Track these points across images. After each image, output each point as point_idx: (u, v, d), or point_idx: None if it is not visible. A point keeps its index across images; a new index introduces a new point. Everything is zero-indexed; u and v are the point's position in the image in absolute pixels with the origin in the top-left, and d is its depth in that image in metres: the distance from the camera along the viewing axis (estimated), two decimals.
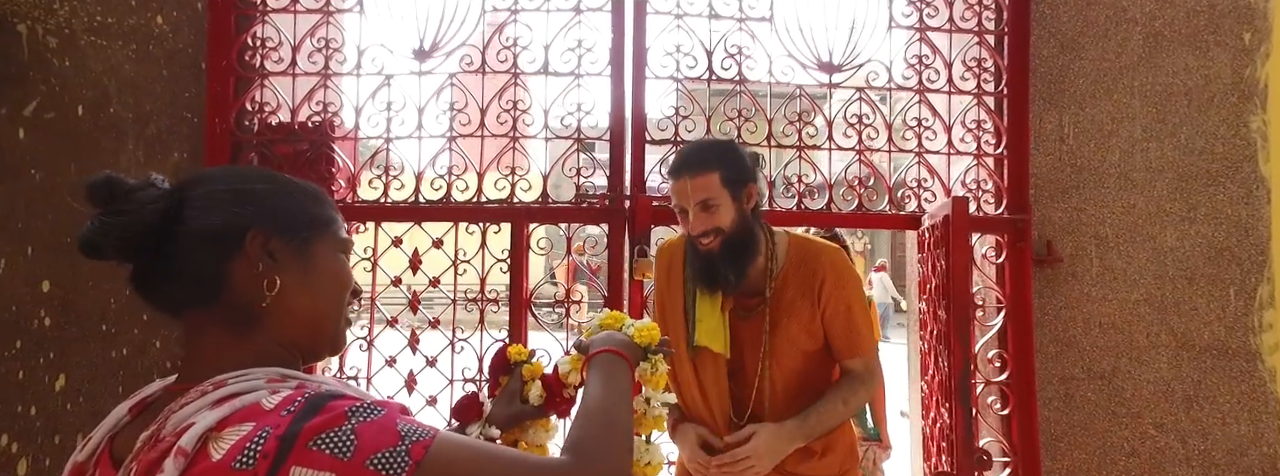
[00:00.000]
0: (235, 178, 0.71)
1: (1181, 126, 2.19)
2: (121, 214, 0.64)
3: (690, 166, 1.40)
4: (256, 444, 0.53)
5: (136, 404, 0.68)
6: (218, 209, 0.67)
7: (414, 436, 0.57)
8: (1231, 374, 2.18)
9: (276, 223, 0.69)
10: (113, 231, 0.63)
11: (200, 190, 0.69)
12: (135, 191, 0.65)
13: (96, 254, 0.64)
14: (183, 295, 0.67)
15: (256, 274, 0.67)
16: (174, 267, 0.66)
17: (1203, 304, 2.18)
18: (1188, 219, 2.19)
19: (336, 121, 2.09)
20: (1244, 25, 2.20)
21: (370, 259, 2.03)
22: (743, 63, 2.11)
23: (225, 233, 0.67)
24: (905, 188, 2.15)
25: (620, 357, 0.94)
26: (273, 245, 0.68)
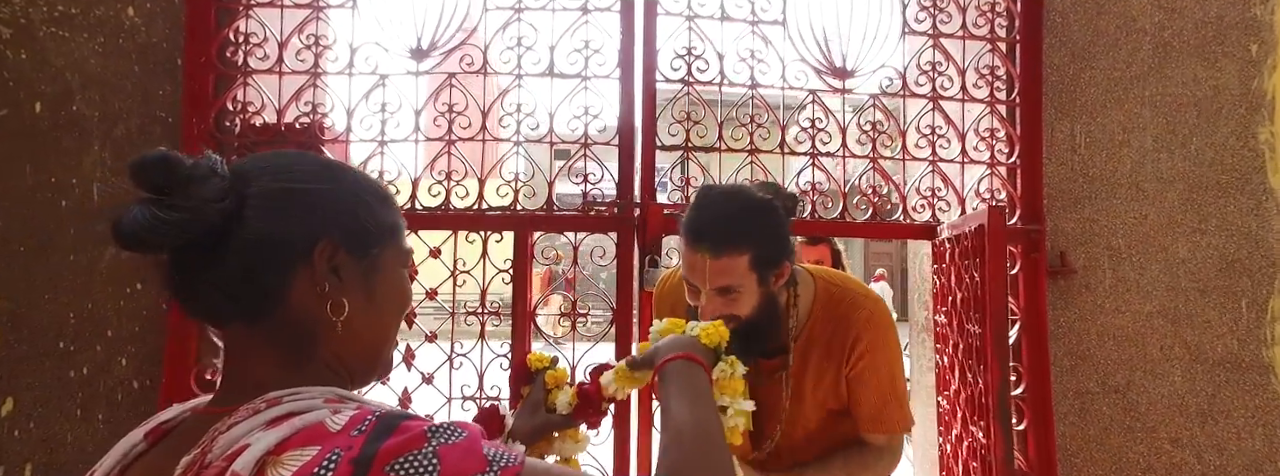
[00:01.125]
0: (299, 172, 0.61)
1: (1191, 137, 2.14)
2: (177, 209, 0.53)
3: (713, 242, 1.11)
4: (327, 468, 0.46)
5: (154, 429, 0.60)
6: (284, 213, 0.58)
7: (502, 462, 0.50)
8: (1245, 387, 2.11)
9: (346, 233, 0.60)
10: (166, 230, 0.53)
11: (261, 186, 0.58)
12: (196, 181, 0.55)
13: (137, 247, 0.54)
14: (230, 308, 0.58)
15: (320, 293, 0.58)
16: (225, 276, 0.57)
17: (1215, 316, 2.12)
18: (1199, 230, 2.13)
19: (326, 123, 1.92)
20: (1250, 37, 2.16)
21: None
22: (755, 67, 1.99)
23: (291, 243, 0.58)
24: (919, 197, 2.04)
25: (695, 363, 0.84)
26: (339, 259, 0.60)
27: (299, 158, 0.65)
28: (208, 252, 0.56)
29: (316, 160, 0.66)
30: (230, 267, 0.57)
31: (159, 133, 1.90)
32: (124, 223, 0.53)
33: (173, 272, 0.58)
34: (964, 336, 1.79)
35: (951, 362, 1.91)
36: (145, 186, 0.55)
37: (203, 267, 0.57)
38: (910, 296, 2.57)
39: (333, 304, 0.59)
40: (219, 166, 0.57)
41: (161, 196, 0.54)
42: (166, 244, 0.54)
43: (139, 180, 0.55)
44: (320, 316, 0.59)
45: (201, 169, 0.56)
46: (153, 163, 0.55)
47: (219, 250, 0.56)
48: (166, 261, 0.58)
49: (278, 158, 0.64)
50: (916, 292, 2.47)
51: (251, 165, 0.61)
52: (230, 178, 0.57)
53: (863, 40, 2.03)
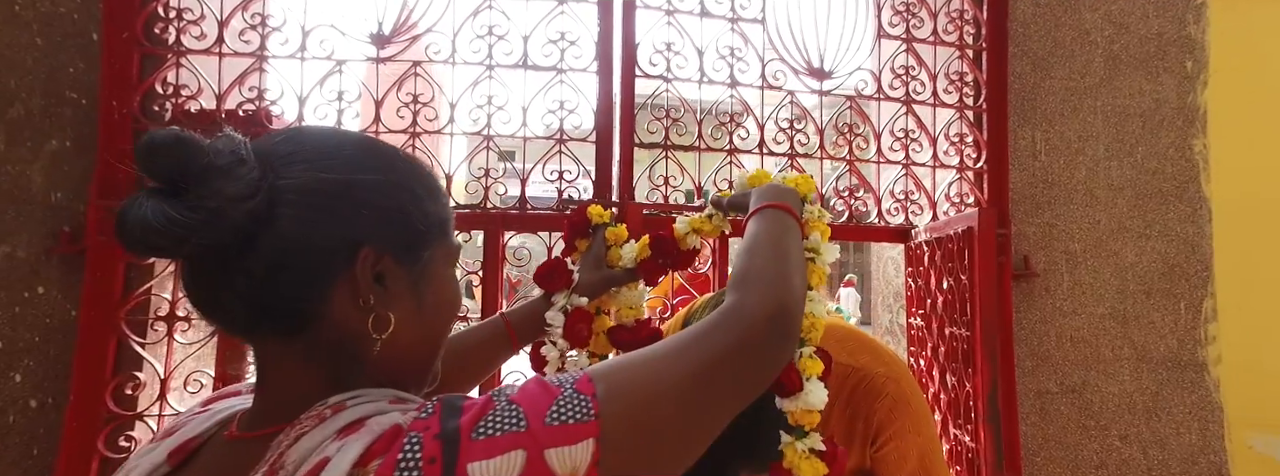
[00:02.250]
0: (340, 160, 0.51)
1: (1137, 146, 2.21)
2: (197, 209, 0.44)
3: None
4: (412, 452, 0.42)
5: (179, 448, 0.52)
6: (323, 212, 0.49)
7: (569, 377, 0.48)
8: (1183, 385, 2.19)
9: (393, 236, 0.52)
10: (182, 234, 0.44)
11: (295, 178, 0.48)
12: (219, 173, 0.45)
13: (144, 252, 0.45)
14: (259, 322, 0.50)
15: (362, 307, 0.50)
16: (252, 287, 0.47)
17: (1159, 317, 2.19)
18: (1145, 235, 2.19)
19: (275, 111, 1.70)
20: (1187, 54, 2.26)
21: None
22: (734, 65, 1.91)
23: (330, 250, 0.49)
24: (893, 200, 2.01)
25: (788, 213, 0.75)
26: (384, 266, 0.51)
27: (337, 139, 0.54)
28: (231, 258, 0.47)
29: (357, 142, 0.54)
30: (258, 277, 0.47)
31: (68, 115, 1.64)
32: (130, 220, 0.43)
33: (188, 279, 0.50)
34: (944, 339, 1.76)
35: (929, 365, 1.88)
36: (155, 176, 0.45)
37: (224, 275, 0.48)
38: (874, 299, 2.56)
39: (376, 319, 0.50)
40: (245, 151, 0.47)
41: (176, 190, 0.45)
42: (181, 250, 0.45)
43: (148, 168, 0.45)
44: (362, 332, 0.51)
45: (225, 156, 0.46)
46: (164, 146, 0.44)
47: (245, 256, 0.47)
48: (180, 263, 0.50)
49: (312, 138, 0.53)
50: (880, 296, 2.45)
51: (281, 148, 0.50)
52: (259, 167, 0.47)
53: (840, 42, 1.98)
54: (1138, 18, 2.23)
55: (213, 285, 0.48)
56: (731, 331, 0.56)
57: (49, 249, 1.57)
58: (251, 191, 0.46)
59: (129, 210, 0.44)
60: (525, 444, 0.43)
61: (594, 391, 0.47)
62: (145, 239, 0.43)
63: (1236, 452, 2.25)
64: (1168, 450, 2.18)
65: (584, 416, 0.45)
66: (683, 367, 0.51)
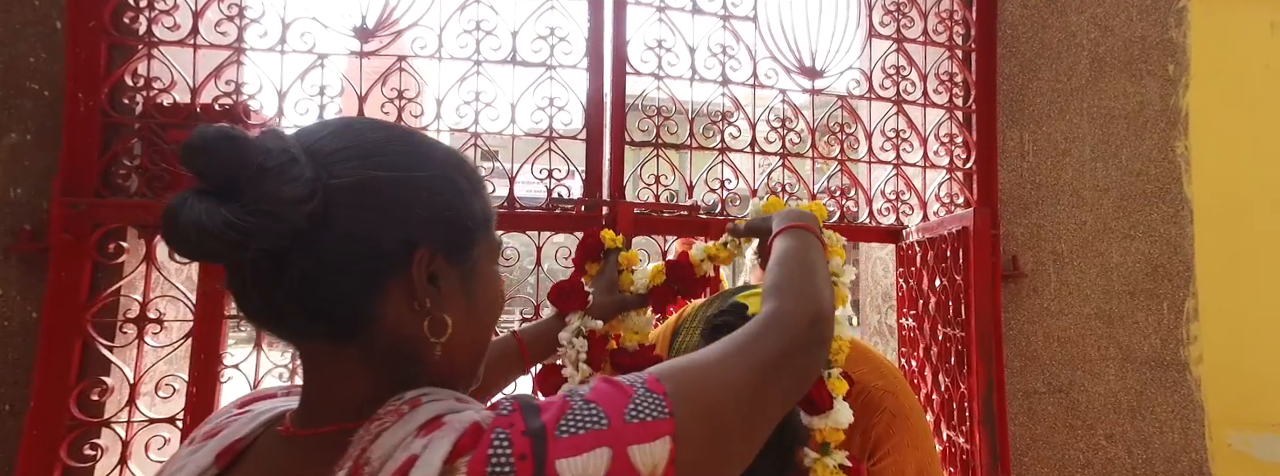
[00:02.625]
0: (389, 155, 0.49)
1: (1122, 148, 2.21)
2: (257, 214, 0.42)
3: None
4: (502, 449, 0.42)
5: (226, 449, 0.50)
6: (376, 212, 0.47)
7: (637, 377, 0.49)
8: (1166, 384, 2.20)
9: (445, 234, 0.50)
10: (239, 240, 0.42)
11: (346, 176, 0.46)
12: (274, 174, 0.43)
13: (195, 257, 0.43)
14: (312, 327, 0.48)
15: (417, 310, 0.49)
16: (305, 291, 0.46)
17: (1143, 317, 2.19)
18: (1129, 236, 2.20)
19: (253, 106, 1.62)
20: (1169, 57, 2.26)
21: None
22: (726, 63, 1.87)
23: (385, 252, 0.47)
24: (884, 200, 1.99)
25: (810, 233, 0.78)
26: (436, 265, 0.50)
27: (384, 132, 0.51)
28: (285, 262, 0.45)
29: (404, 136, 0.52)
30: (313, 281, 0.46)
31: (29, 107, 1.55)
32: (183, 222, 0.41)
33: (235, 281, 0.47)
34: (937, 340, 1.74)
35: (921, 366, 1.86)
36: (206, 176, 0.42)
37: (277, 279, 0.45)
38: (862, 299, 2.53)
39: (433, 322, 0.49)
40: (296, 150, 0.45)
41: (230, 192, 0.42)
42: (236, 254, 0.43)
43: (198, 167, 0.42)
44: (418, 335, 0.49)
45: (276, 155, 0.44)
46: (216, 145, 0.42)
47: (300, 259, 0.45)
48: (227, 266, 0.47)
49: (359, 133, 0.50)
50: (868, 296, 2.43)
51: (328, 143, 0.48)
52: (311, 165, 0.45)
53: (832, 40, 1.95)
54: (1122, 20, 2.24)
55: (264, 289, 0.46)
56: (781, 336, 0.57)
57: (7, 247, 1.47)
58: (309, 193, 0.43)
59: (180, 212, 0.41)
60: (609, 441, 0.43)
61: (665, 390, 0.47)
62: (201, 243, 0.41)
63: (1217, 451, 2.26)
64: (1151, 449, 2.18)
65: (660, 414, 0.45)
66: (742, 369, 0.53)
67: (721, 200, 1.88)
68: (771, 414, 0.54)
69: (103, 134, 1.55)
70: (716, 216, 1.87)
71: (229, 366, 1.54)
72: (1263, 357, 2.38)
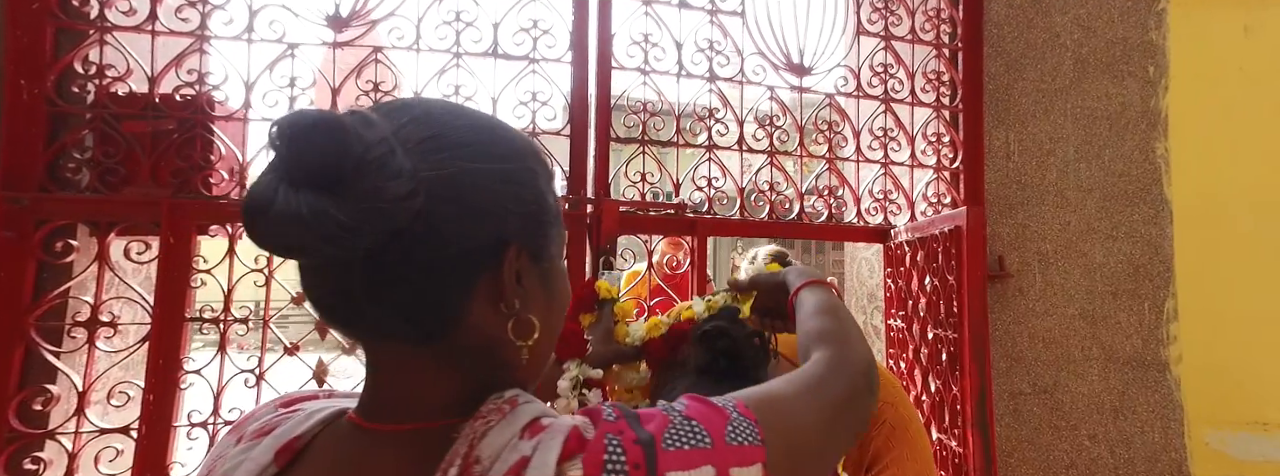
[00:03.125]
0: (479, 146, 0.45)
1: (1104, 149, 2.19)
2: (363, 211, 0.38)
3: None
4: (616, 454, 0.41)
5: (284, 447, 0.47)
6: (473, 209, 0.44)
7: (729, 402, 0.48)
8: (1147, 384, 2.18)
9: (530, 230, 0.47)
10: (342, 240, 0.38)
11: (440, 168, 0.43)
12: (376, 167, 0.39)
13: (286, 254, 0.39)
14: (396, 327, 0.44)
15: (504, 311, 0.46)
16: (397, 292, 0.43)
17: (1125, 318, 2.17)
18: (1112, 237, 2.17)
19: (218, 97, 1.51)
20: (1149, 59, 2.25)
21: (263, 270, 1.46)
22: (713, 59, 1.80)
23: (480, 249, 0.44)
24: (872, 199, 1.93)
25: (829, 288, 0.77)
26: (521, 264, 0.47)
27: (469, 119, 0.47)
28: (375, 260, 0.41)
29: (489, 124, 0.48)
30: (402, 281, 0.42)
31: None
32: (278, 214, 0.37)
33: (314, 279, 0.44)
34: (927, 341, 1.68)
35: (910, 368, 1.80)
36: (303, 166, 0.38)
37: (365, 278, 0.42)
38: (848, 300, 2.48)
39: (519, 324, 0.46)
40: (394, 141, 0.41)
41: (329, 184, 0.38)
42: (330, 251, 0.39)
43: (295, 156, 0.38)
44: (500, 337, 0.46)
45: (376, 146, 0.40)
46: (316, 132, 0.38)
47: (393, 257, 0.42)
48: (304, 262, 0.43)
49: (444, 119, 0.46)
50: (853, 297, 2.38)
51: (415, 131, 0.44)
52: (407, 157, 0.42)
53: (820, 37, 1.90)
54: (1104, 22, 2.21)
55: (346, 288, 0.42)
56: (847, 380, 0.58)
57: None
58: (413, 189, 0.40)
59: (274, 203, 0.37)
60: (713, 460, 0.43)
61: (755, 417, 0.47)
62: (299, 239, 0.38)
63: (1195, 449, 2.24)
64: (1133, 448, 2.16)
65: (754, 440, 0.45)
66: (816, 408, 0.53)
67: (708, 199, 1.81)
68: (838, 452, 0.55)
69: (49, 124, 1.42)
70: (702, 215, 1.80)
71: (190, 372, 1.43)
72: (1238, 357, 2.38)
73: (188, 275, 1.38)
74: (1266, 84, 2.52)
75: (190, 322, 1.42)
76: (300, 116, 0.39)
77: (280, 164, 0.38)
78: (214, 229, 1.47)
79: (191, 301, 1.42)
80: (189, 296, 1.40)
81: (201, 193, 1.45)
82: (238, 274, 1.48)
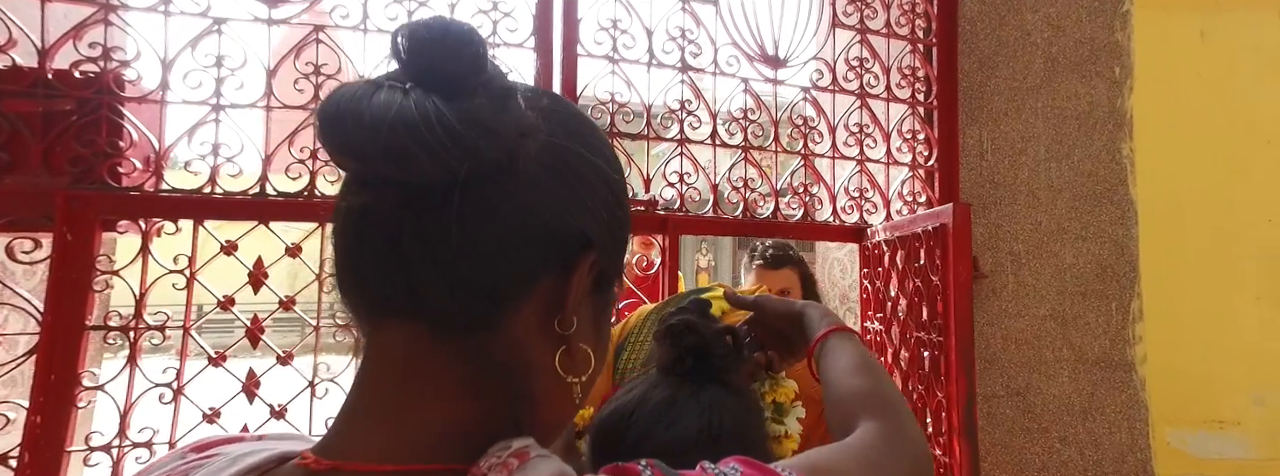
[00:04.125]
0: (583, 132, 0.39)
1: (1074, 149, 2.11)
2: (479, 126, 0.32)
3: None
4: None
5: None
6: (572, 191, 0.37)
7: (783, 466, 0.43)
8: (1115, 385, 2.11)
9: (611, 247, 0.39)
10: (454, 148, 0.32)
11: (555, 139, 0.36)
12: (501, 96, 0.34)
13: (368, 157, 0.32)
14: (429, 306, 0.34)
15: (556, 330, 0.36)
16: (455, 257, 0.34)
17: (1094, 318, 2.09)
18: (1081, 237, 2.10)
19: (129, 76, 1.29)
20: (1115, 60, 2.18)
21: (183, 271, 1.25)
22: (686, 48, 1.65)
23: (562, 239, 0.36)
24: (848, 197, 1.81)
25: (859, 338, 0.68)
26: (588, 282, 0.38)
27: (580, 111, 0.41)
28: (454, 200, 0.33)
29: (584, 115, 0.42)
30: (470, 239, 0.33)
31: None
32: (379, 117, 0.31)
33: (358, 227, 0.35)
34: (908, 345, 1.56)
35: (889, 372, 1.67)
36: (427, 67, 0.33)
37: (433, 220, 0.33)
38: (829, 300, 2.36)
39: (570, 353, 0.37)
40: (513, 82, 0.36)
41: (449, 92, 0.32)
42: (427, 173, 0.32)
43: (423, 57, 0.33)
44: (538, 363, 0.36)
45: (501, 78, 0.35)
46: (453, 35, 0.33)
47: (471, 202, 0.33)
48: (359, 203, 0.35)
49: (561, 101, 0.40)
50: (825, 300, 2.25)
51: (531, 95, 0.36)
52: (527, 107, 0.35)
53: (795, 28, 1.76)
54: (1073, 21, 2.14)
55: (396, 231, 0.34)
56: (906, 459, 0.53)
57: None
58: (532, 126, 0.34)
59: (376, 103, 0.31)
60: None
61: None
62: (401, 142, 0.30)
63: (1158, 449, 2.18)
64: (1101, 450, 2.08)
65: None
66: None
67: (681, 195, 1.65)
68: None
69: None
70: (675, 212, 1.64)
71: (91, 388, 1.21)
72: (1197, 356, 2.34)
73: (89, 277, 1.16)
74: (1221, 88, 2.50)
75: (92, 331, 1.20)
76: (438, 21, 0.34)
77: (405, 67, 0.33)
78: (123, 225, 1.26)
79: (94, 307, 1.20)
80: (91, 301, 1.19)
81: (108, 183, 1.23)
82: (154, 275, 1.27)
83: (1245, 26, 2.51)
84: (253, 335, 1.23)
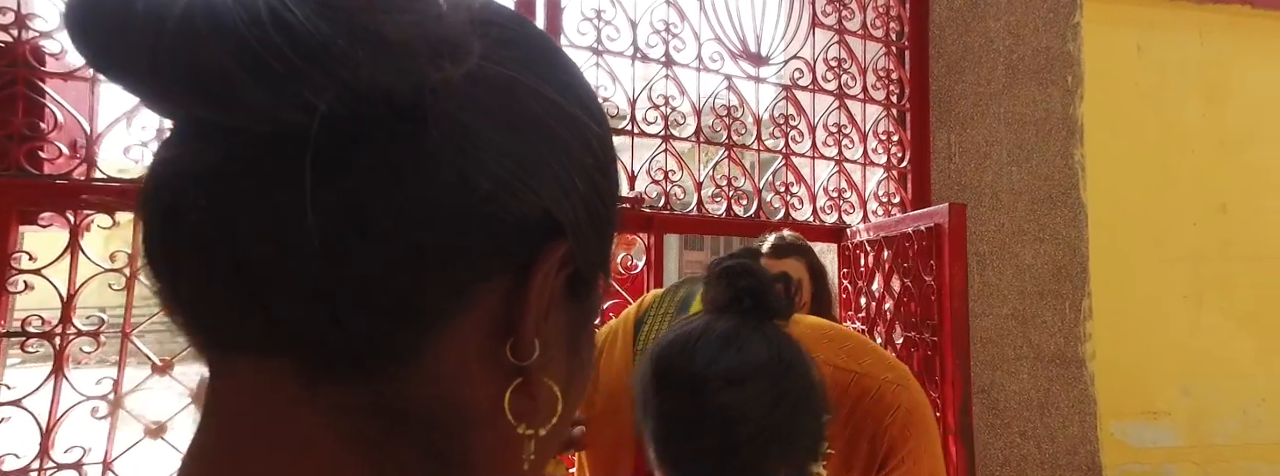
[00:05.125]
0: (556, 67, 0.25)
1: (1032, 153, 2.13)
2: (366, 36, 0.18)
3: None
4: None
5: None
6: (534, 155, 0.23)
7: None
8: (1068, 380, 2.14)
9: (588, 235, 0.25)
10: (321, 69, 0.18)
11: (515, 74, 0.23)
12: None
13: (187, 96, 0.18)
14: (299, 326, 0.20)
15: (506, 359, 0.23)
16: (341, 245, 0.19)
17: (1050, 317, 2.12)
18: (1039, 238, 2.12)
19: (50, 48, 1.10)
20: (1067, 69, 2.22)
21: (122, 270, 1.07)
22: (670, 42, 1.57)
23: (513, 222, 0.22)
24: (827, 197, 1.76)
25: None
26: (556, 285, 0.24)
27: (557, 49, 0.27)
28: (332, 168, 0.19)
29: (570, 62, 0.27)
30: (358, 236, 0.20)
31: None
32: (189, 17, 0.17)
33: (180, 199, 0.20)
34: (895, 346, 1.52)
35: None
36: None
37: (282, 214, 0.19)
38: None
39: (528, 390, 0.24)
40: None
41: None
42: (255, 113, 0.18)
43: None
44: (473, 406, 0.23)
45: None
46: None
47: (361, 172, 0.20)
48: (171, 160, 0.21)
49: (531, 31, 0.25)
50: None
51: (487, 12, 0.24)
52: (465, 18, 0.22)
53: (777, 25, 1.70)
54: (1031, 30, 2.17)
55: (227, 228, 0.20)
56: None
57: None
58: (458, 42, 0.20)
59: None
60: None
61: None
62: (199, 55, 0.17)
63: (1105, 440, 2.24)
64: (1057, 443, 2.11)
65: None
66: None
67: (665, 193, 1.56)
68: None
69: None
70: (660, 210, 1.55)
71: (6, 403, 1.02)
72: (1136, 352, 2.43)
73: (3, 276, 0.98)
74: (1154, 99, 2.60)
75: (6, 338, 1.01)
76: None
77: None
78: (46, 217, 1.07)
79: (9, 310, 1.01)
80: (4, 303, 1.00)
81: (26, 170, 1.04)
82: (83, 274, 1.08)
83: (1173, 44, 2.63)
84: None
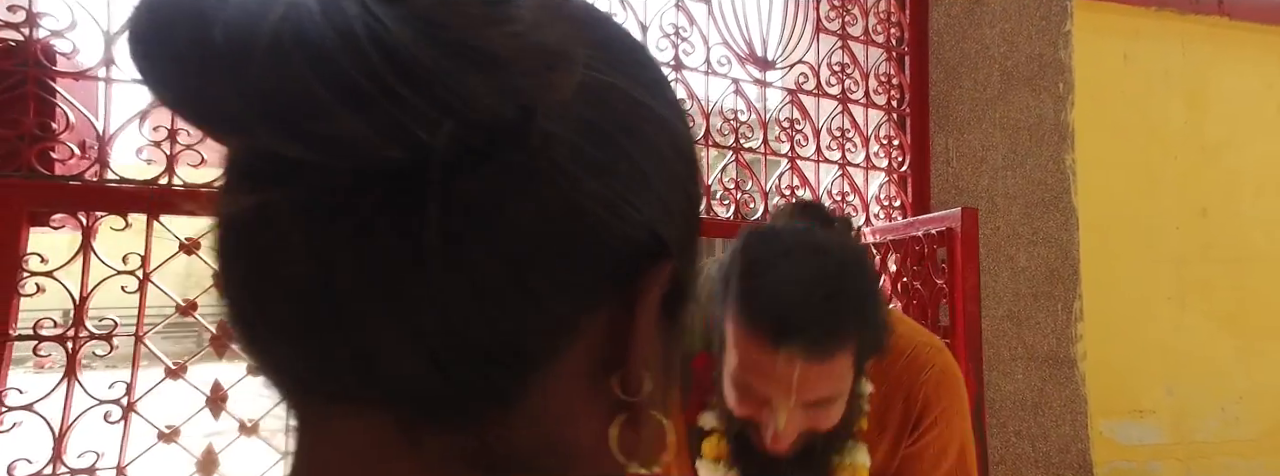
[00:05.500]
0: (650, 79, 0.23)
1: (1026, 158, 2.16)
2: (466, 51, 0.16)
3: (814, 340, 0.61)
4: None
5: None
6: (640, 170, 0.21)
7: None
8: (1060, 380, 2.17)
9: (687, 253, 0.24)
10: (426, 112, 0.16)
11: (604, 82, 0.20)
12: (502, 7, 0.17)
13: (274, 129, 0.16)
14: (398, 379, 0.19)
15: (613, 392, 0.21)
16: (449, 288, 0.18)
17: (1043, 318, 2.15)
18: (1033, 241, 2.15)
19: (62, 47, 1.07)
20: (1058, 76, 2.26)
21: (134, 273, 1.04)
22: (680, 46, 1.57)
23: (625, 244, 0.20)
24: (831, 201, 1.77)
25: None
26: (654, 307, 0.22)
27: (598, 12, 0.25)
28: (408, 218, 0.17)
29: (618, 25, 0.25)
30: (464, 278, 0.18)
31: None
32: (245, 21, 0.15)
33: (264, 248, 0.19)
34: None
35: None
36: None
37: (383, 258, 0.18)
38: None
39: (631, 429, 0.22)
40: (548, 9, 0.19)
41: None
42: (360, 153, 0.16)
43: None
44: (577, 444, 0.22)
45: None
46: None
47: (454, 219, 0.17)
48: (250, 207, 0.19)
49: (620, 31, 0.24)
50: None
51: (576, 11, 0.23)
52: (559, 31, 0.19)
53: (783, 30, 1.71)
54: (1024, 38, 2.20)
55: (322, 277, 0.18)
56: None
57: None
58: (565, 50, 0.18)
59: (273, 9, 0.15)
60: None
61: None
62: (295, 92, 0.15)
63: (1094, 438, 2.28)
64: (1050, 442, 2.14)
65: None
66: None
67: None
68: None
69: None
70: None
71: (16, 408, 0.99)
72: (1123, 351, 2.48)
73: (14, 278, 0.95)
74: (1140, 107, 2.66)
75: (16, 341, 0.98)
76: None
77: None
78: (58, 219, 1.04)
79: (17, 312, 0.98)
80: (14, 306, 0.97)
81: (37, 170, 1.02)
82: (97, 276, 1.05)
83: (1157, 54, 2.70)
84: (219, 342, 1.04)
